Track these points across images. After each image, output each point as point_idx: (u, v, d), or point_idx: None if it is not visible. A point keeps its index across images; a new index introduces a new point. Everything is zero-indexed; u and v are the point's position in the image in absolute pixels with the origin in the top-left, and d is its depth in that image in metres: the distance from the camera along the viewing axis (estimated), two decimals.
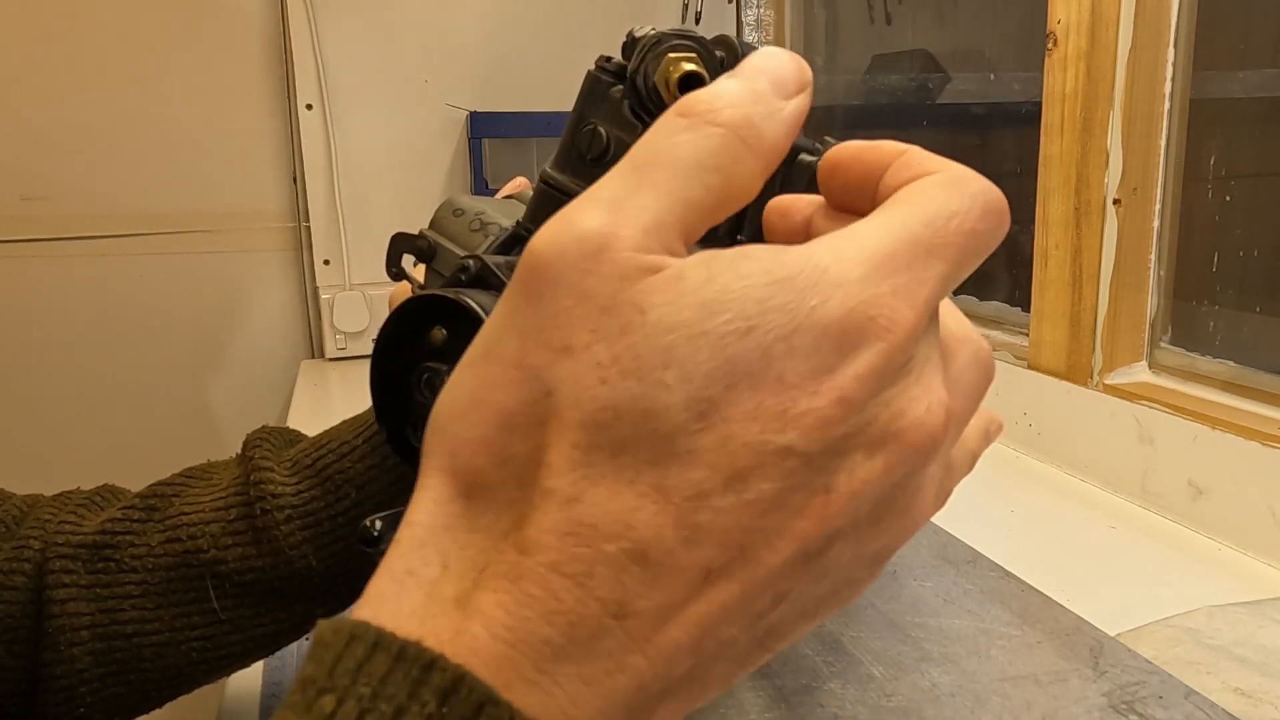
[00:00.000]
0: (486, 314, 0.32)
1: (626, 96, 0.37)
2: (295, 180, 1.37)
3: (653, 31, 0.38)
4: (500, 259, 0.35)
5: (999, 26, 1.12)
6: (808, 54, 1.48)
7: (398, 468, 0.45)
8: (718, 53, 0.39)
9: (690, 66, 0.33)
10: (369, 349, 1.61)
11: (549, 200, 0.38)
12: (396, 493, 0.45)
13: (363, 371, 1.33)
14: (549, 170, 0.38)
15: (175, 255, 1.35)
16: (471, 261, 0.34)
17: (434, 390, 0.33)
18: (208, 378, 1.39)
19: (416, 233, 0.43)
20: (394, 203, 1.39)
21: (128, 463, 1.35)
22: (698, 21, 1.45)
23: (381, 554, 0.21)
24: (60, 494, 0.47)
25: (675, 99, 0.31)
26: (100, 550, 0.43)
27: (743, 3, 1.49)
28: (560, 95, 1.41)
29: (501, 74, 1.40)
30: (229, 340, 1.39)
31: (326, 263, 1.37)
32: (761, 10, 1.50)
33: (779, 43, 1.49)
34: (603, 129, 0.37)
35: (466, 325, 0.32)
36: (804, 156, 0.43)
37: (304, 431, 0.51)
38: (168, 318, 1.36)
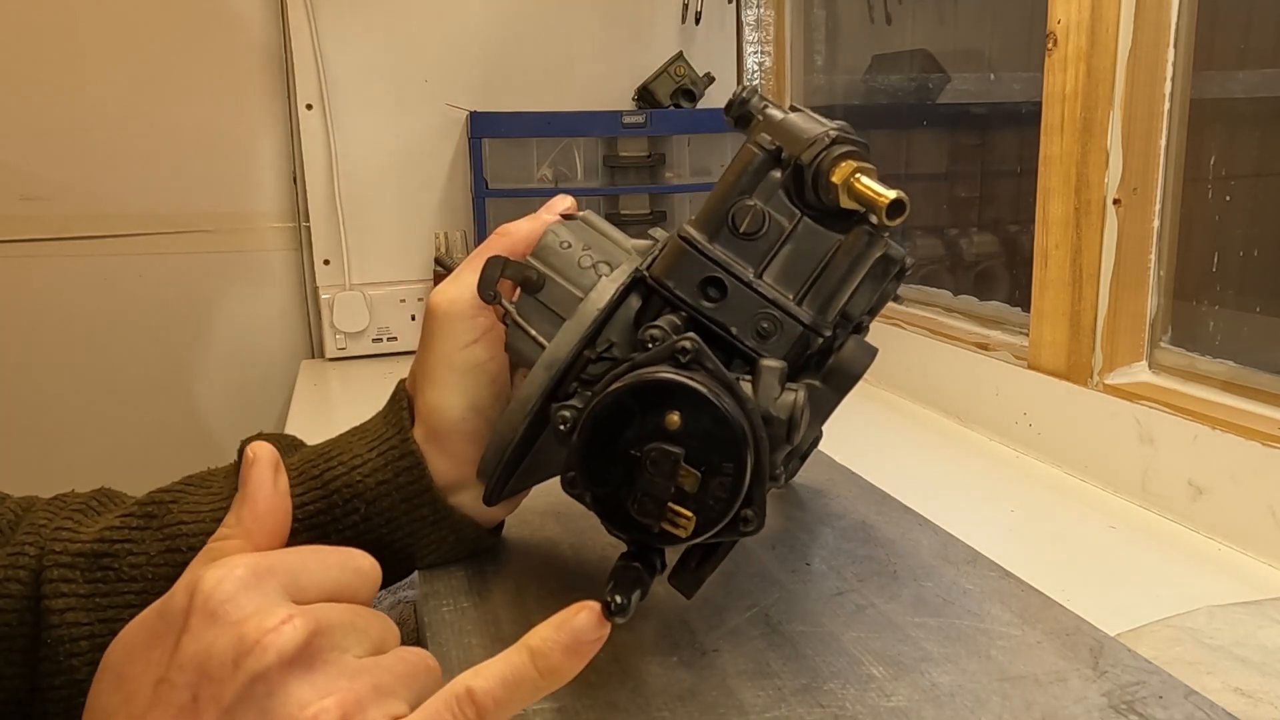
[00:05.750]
0: (723, 400, 0.34)
1: (786, 184, 0.39)
2: (295, 180, 1.37)
3: (784, 113, 0.40)
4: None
5: (999, 26, 1.12)
6: (808, 54, 1.48)
7: (410, 485, 0.45)
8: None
9: (895, 194, 0.35)
10: (369, 349, 1.60)
11: (684, 258, 0.39)
12: (408, 509, 0.45)
13: (363, 371, 1.32)
14: (690, 230, 0.39)
15: (175, 255, 1.35)
16: (689, 343, 0.35)
17: (659, 470, 0.34)
18: (208, 378, 1.39)
19: (523, 260, 0.43)
20: (394, 203, 1.39)
21: (128, 462, 1.35)
22: (698, 21, 1.45)
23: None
24: (56, 497, 0.47)
25: (880, 215, 0.36)
26: (99, 559, 0.42)
27: (743, 3, 1.49)
28: (560, 95, 1.42)
29: (501, 74, 1.40)
30: (229, 340, 1.39)
31: (326, 263, 1.37)
32: (761, 10, 1.50)
33: (779, 43, 1.50)
34: (760, 207, 0.38)
35: (704, 415, 0.34)
36: (894, 248, 0.44)
37: (304, 431, 0.51)
38: (167, 318, 1.36)
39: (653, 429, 0.34)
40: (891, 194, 0.35)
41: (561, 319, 0.41)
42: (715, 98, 1.45)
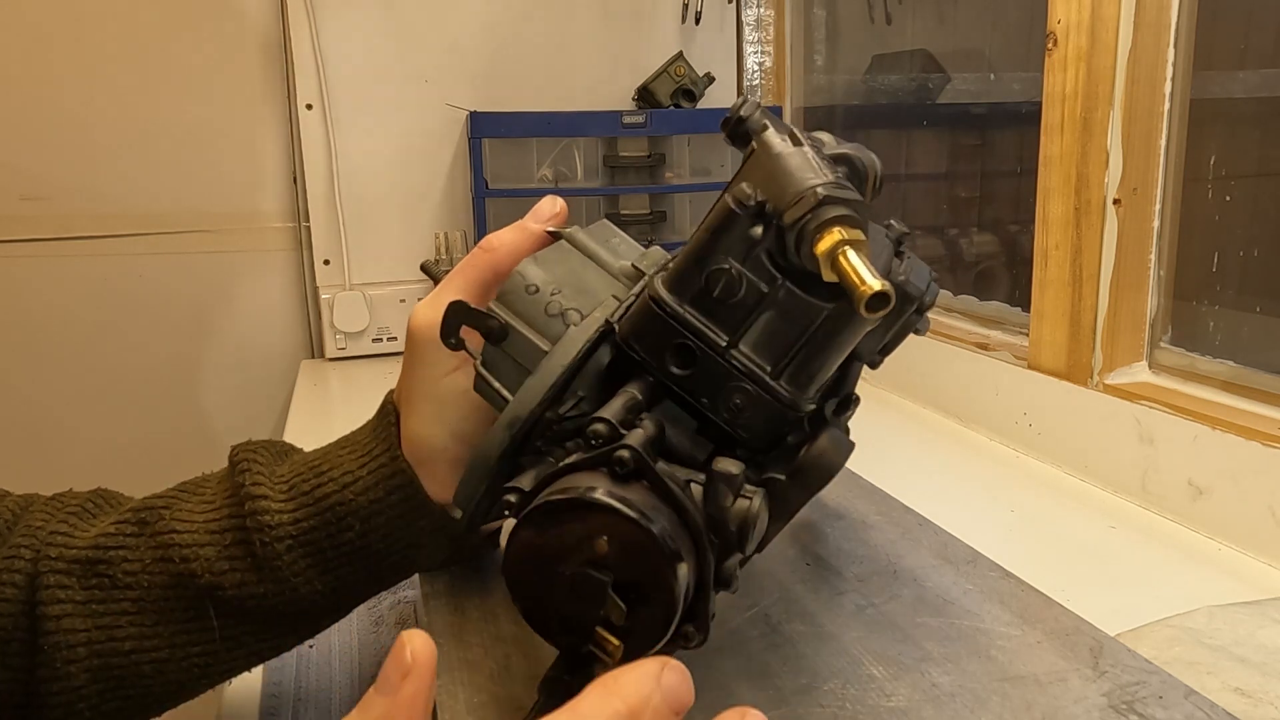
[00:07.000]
0: (655, 525, 0.30)
1: (766, 242, 0.34)
2: (295, 180, 1.37)
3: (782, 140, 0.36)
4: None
5: (999, 26, 1.12)
6: (808, 54, 1.48)
7: (403, 502, 0.44)
8: (840, 170, 0.36)
9: (880, 285, 0.30)
10: (369, 349, 1.60)
11: (652, 321, 0.35)
12: (404, 524, 0.44)
13: (363, 371, 1.32)
14: (661, 292, 0.35)
15: (175, 255, 1.35)
16: (627, 453, 0.32)
17: (581, 597, 0.31)
18: (207, 378, 1.39)
19: (485, 309, 0.39)
20: (394, 203, 1.39)
21: (128, 463, 1.35)
22: (698, 21, 1.45)
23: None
24: (54, 497, 0.46)
25: (858, 306, 0.30)
26: (94, 566, 0.42)
27: (743, 3, 1.49)
28: (560, 95, 1.42)
29: (501, 74, 1.40)
30: (229, 340, 1.39)
31: (326, 263, 1.37)
32: (761, 10, 1.50)
33: (779, 43, 1.50)
34: (736, 270, 0.34)
35: (635, 543, 0.31)
36: (912, 285, 0.41)
37: (304, 431, 0.51)
38: (167, 318, 1.36)
39: (580, 549, 0.31)
40: (876, 284, 0.30)
41: (528, 371, 0.38)
42: (715, 98, 1.45)
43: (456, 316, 0.39)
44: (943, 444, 0.94)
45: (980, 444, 0.93)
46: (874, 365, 0.44)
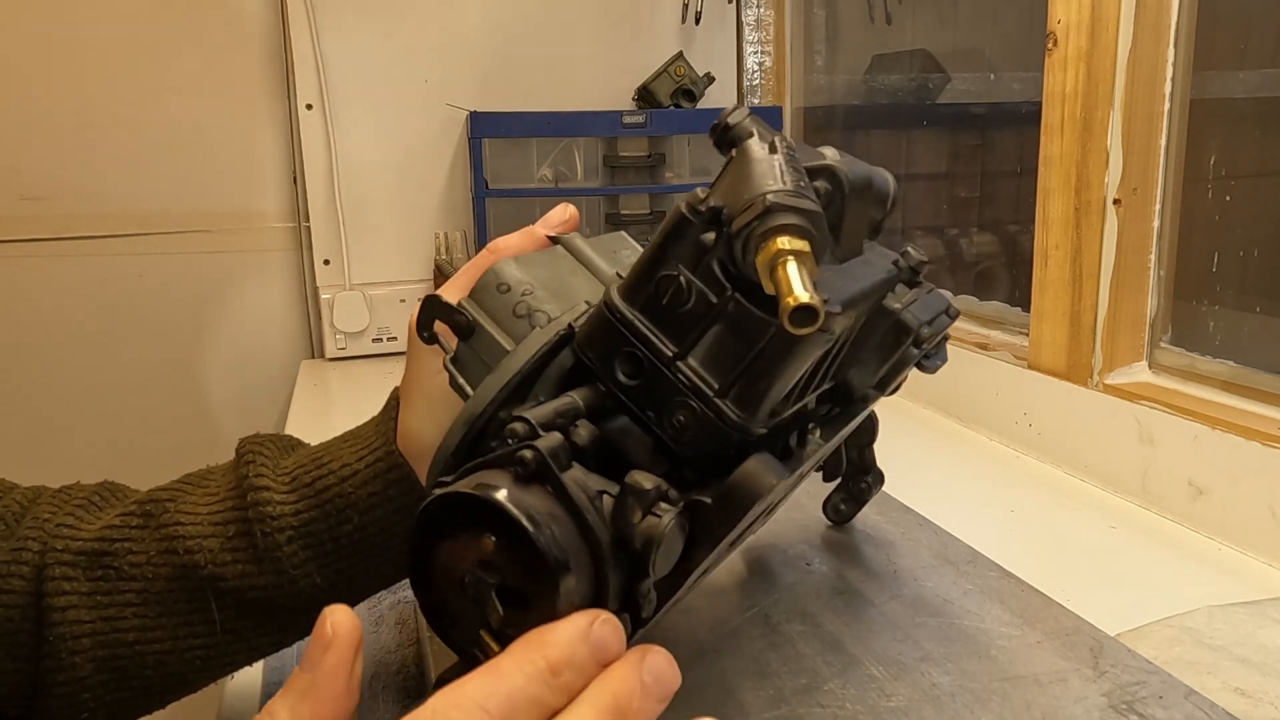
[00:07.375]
0: (542, 530, 0.29)
1: (717, 250, 0.32)
2: (295, 180, 1.37)
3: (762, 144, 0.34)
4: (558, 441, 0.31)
5: (999, 26, 1.12)
6: (808, 54, 1.48)
7: (401, 496, 0.44)
8: (819, 183, 0.35)
9: (807, 299, 0.28)
10: (369, 349, 1.59)
11: (603, 327, 0.34)
12: (401, 519, 0.44)
13: (363, 371, 1.32)
14: (616, 300, 0.34)
15: (175, 255, 1.35)
16: (529, 453, 0.30)
17: (471, 597, 0.30)
18: (208, 378, 1.39)
19: (455, 303, 0.39)
20: (394, 203, 1.39)
21: (128, 463, 1.35)
22: (698, 21, 1.45)
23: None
24: (61, 489, 0.47)
25: (782, 317, 0.28)
26: (99, 557, 0.42)
27: (743, 3, 1.49)
28: (560, 95, 1.42)
29: (501, 74, 1.40)
30: (229, 340, 1.39)
31: (326, 263, 1.37)
32: (761, 10, 1.50)
33: (779, 43, 1.50)
34: (685, 278, 0.32)
35: (519, 546, 0.29)
36: (909, 316, 0.40)
37: (304, 431, 0.51)
38: (168, 317, 1.36)
39: (471, 547, 0.30)
40: (804, 296, 0.27)
41: (490, 369, 0.38)
42: (715, 98, 1.45)
43: (429, 310, 0.40)
44: (943, 444, 0.94)
45: (980, 444, 0.93)
46: (868, 401, 0.43)
